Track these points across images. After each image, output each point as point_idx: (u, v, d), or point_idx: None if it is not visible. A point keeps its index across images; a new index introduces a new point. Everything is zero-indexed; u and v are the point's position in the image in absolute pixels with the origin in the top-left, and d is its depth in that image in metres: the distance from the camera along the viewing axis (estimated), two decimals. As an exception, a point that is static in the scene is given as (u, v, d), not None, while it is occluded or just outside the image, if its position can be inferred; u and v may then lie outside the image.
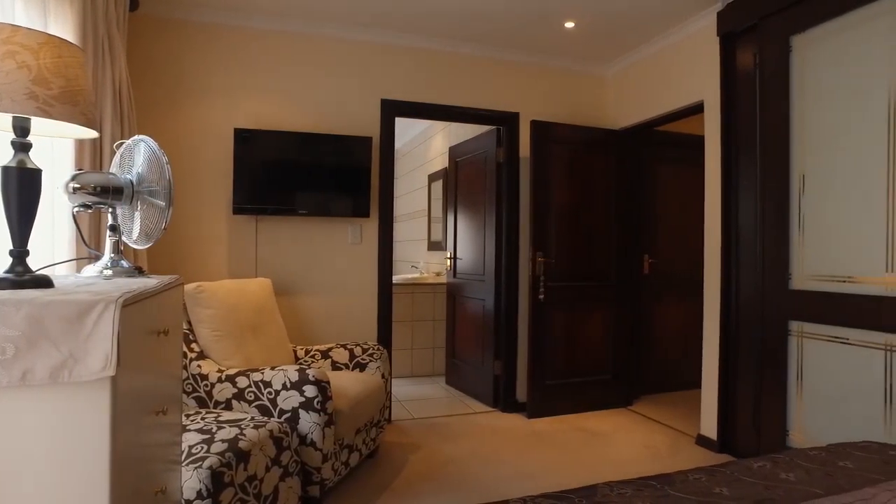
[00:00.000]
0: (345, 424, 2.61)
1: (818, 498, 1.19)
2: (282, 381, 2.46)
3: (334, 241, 3.77)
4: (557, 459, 3.21)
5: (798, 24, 2.92)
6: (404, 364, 5.23)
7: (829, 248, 2.77)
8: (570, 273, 4.11)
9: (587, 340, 4.19)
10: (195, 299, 2.76)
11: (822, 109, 2.83)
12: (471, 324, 4.60)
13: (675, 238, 4.68)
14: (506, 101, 4.17)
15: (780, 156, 2.99)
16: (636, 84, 4.18)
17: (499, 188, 4.23)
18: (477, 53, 4.10)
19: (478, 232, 4.49)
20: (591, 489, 1.23)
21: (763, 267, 3.09)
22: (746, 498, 1.19)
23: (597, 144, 4.21)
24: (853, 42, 2.68)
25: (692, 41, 3.62)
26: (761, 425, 3.08)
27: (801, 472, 1.37)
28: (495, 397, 4.23)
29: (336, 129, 3.72)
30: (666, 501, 1.16)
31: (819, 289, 2.80)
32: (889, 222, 2.50)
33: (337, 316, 3.75)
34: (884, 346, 2.52)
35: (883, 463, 1.42)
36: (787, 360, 2.95)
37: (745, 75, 3.29)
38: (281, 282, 3.59)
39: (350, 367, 3.22)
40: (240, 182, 3.44)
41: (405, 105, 3.92)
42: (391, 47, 3.90)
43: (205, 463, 1.81)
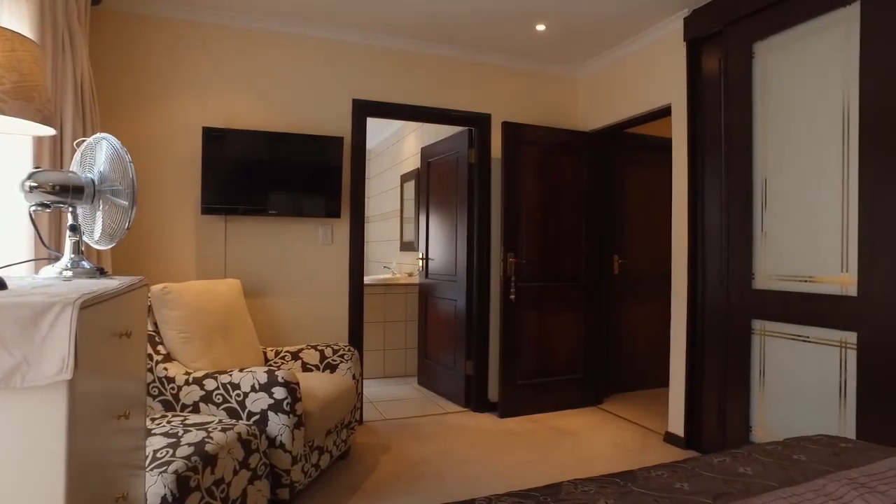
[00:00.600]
0: (315, 426, 2.60)
1: (772, 490, 1.23)
2: (250, 383, 2.43)
3: (305, 241, 3.74)
4: (528, 458, 3.24)
5: (760, 32, 3.01)
6: (376, 365, 5.21)
7: (790, 248, 2.86)
8: (541, 273, 4.15)
9: (558, 340, 4.24)
10: (161, 301, 2.71)
11: (782, 114, 2.92)
12: (443, 324, 4.61)
13: (645, 239, 4.76)
14: (477, 103, 4.19)
15: (743, 159, 3.08)
16: (606, 87, 4.24)
17: (470, 189, 4.24)
18: (449, 54, 4.11)
19: (450, 232, 4.51)
20: (555, 487, 1.24)
21: (728, 267, 3.16)
22: (705, 492, 1.22)
23: (567, 146, 4.27)
24: (810, 50, 2.77)
25: (660, 46, 3.69)
26: (726, 422, 3.16)
27: (758, 465, 1.41)
28: (467, 397, 4.25)
29: (307, 128, 3.69)
30: (628, 498, 1.18)
31: (781, 288, 2.88)
32: (843, 224, 2.60)
33: (308, 317, 3.72)
34: (839, 344, 2.61)
35: (833, 455, 1.48)
36: (750, 358, 3.03)
37: (710, 80, 3.37)
38: (251, 283, 3.54)
39: (321, 368, 3.20)
40: (209, 182, 3.39)
41: (377, 105, 3.91)
42: (363, 47, 3.88)
43: (170, 467, 1.78)
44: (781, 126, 2.91)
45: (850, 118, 2.57)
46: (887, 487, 1.20)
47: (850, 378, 2.56)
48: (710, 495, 1.21)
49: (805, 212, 2.78)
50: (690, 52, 3.45)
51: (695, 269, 3.42)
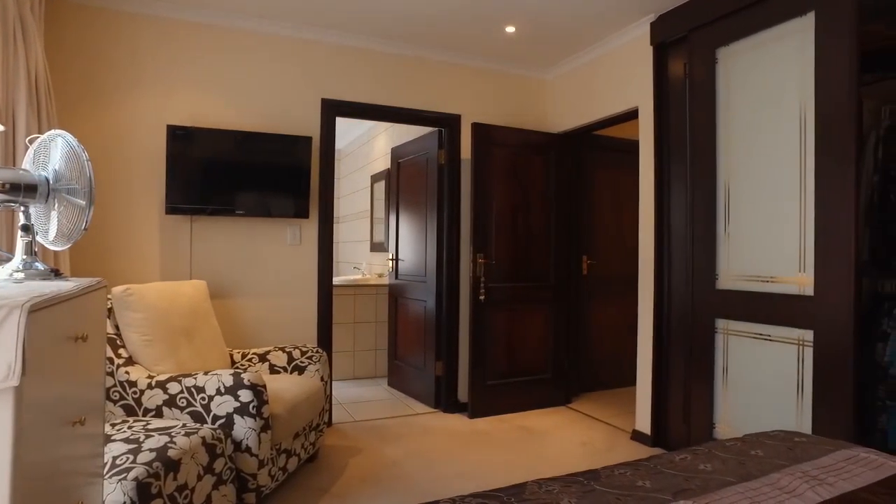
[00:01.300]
0: (282, 429, 2.56)
1: (730, 486, 1.25)
2: (216, 385, 2.39)
3: (273, 242, 3.69)
4: (498, 458, 3.25)
5: (722, 38, 3.08)
6: (346, 366, 5.17)
7: (752, 249, 2.93)
8: (511, 274, 4.17)
9: (527, 340, 4.27)
10: (123, 302, 2.64)
11: (743, 119, 2.99)
12: (413, 325, 4.60)
13: (613, 239, 4.83)
14: (448, 103, 4.20)
15: (707, 162, 3.14)
16: (575, 89, 4.29)
17: (440, 190, 4.25)
18: (419, 55, 4.11)
19: (419, 233, 4.50)
20: (519, 487, 1.25)
21: (693, 268, 3.23)
22: (666, 489, 1.25)
23: (537, 147, 4.30)
24: (769, 57, 2.85)
25: (628, 49, 3.74)
26: (691, 419, 3.23)
27: (717, 462, 1.44)
28: (437, 398, 4.25)
29: (275, 128, 3.64)
30: (591, 496, 1.20)
31: (744, 288, 2.96)
32: (801, 226, 2.68)
33: (276, 318, 3.67)
34: (797, 342, 2.69)
35: (788, 449, 1.52)
36: (713, 357, 3.10)
37: (676, 84, 3.43)
38: (217, 284, 3.48)
39: (288, 370, 3.16)
40: (173, 181, 3.32)
41: (346, 105, 3.88)
42: (332, 46, 3.85)
43: (130, 474, 1.74)
44: (743, 130, 2.98)
45: (807, 124, 2.66)
46: (835, 479, 1.24)
47: (806, 375, 2.64)
48: (671, 492, 1.23)
49: (766, 214, 2.86)
50: (657, 57, 3.51)
51: (661, 270, 3.48)
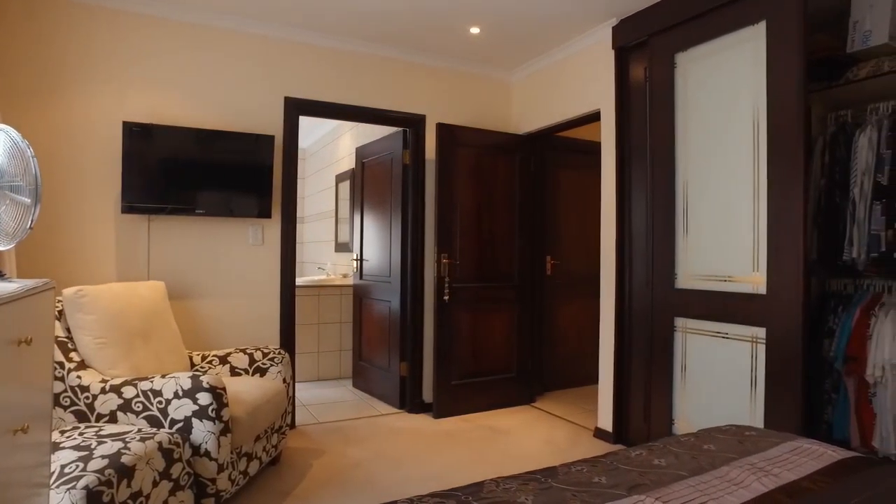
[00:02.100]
0: (243, 432, 2.52)
1: (683, 480, 1.29)
2: (173, 389, 2.33)
3: (235, 242, 3.63)
4: (462, 458, 3.26)
5: (681, 44, 3.16)
6: (310, 367, 5.12)
7: (709, 250, 3.01)
8: (475, 274, 4.19)
9: (492, 340, 4.29)
10: (75, 304, 2.56)
11: (700, 122, 3.07)
12: (377, 326, 4.58)
13: (577, 240, 4.89)
14: (413, 104, 4.19)
15: (666, 164, 3.22)
16: (539, 91, 4.34)
17: (405, 190, 4.24)
18: (384, 54, 4.09)
19: (384, 233, 4.49)
20: (477, 486, 1.26)
21: (652, 268, 3.30)
22: (621, 485, 1.27)
23: (501, 148, 4.33)
24: (725, 63, 2.94)
25: (590, 53, 3.80)
26: (651, 416, 3.30)
27: (671, 457, 1.48)
28: (402, 399, 4.24)
29: (237, 126, 3.58)
30: (547, 494, 1.22)
31: (702, 287, 3.03)
32: (755, 227, 2.76)
33: (237, 320, 3.61)
34: (751, 339, 2.78)
35: (738, 443, 1.57)
36: (672, 355, 3.17)
37: (637, 87, 3.50)
38: (177, 285, 3.40)
39: (250, 372, 3.11)
40: (130, 179, 3.23)
41: (310, 104, 3.84)
42: (296, 44, 3.80)
43: (79, 482, 1.68)
44: (701, 133, 3.06)
45: (760, 129, 2.75)
46: (780, 470, 1.29)
47: (759, 371, 2.73)
48: (626, 487, 1.26)
49: (722, 215, 2.94)
50: (618, 60, 3.58)
51: (622, 270, 3.55)
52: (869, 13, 2.67)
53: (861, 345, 2.73)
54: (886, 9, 2.62)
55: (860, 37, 2.70)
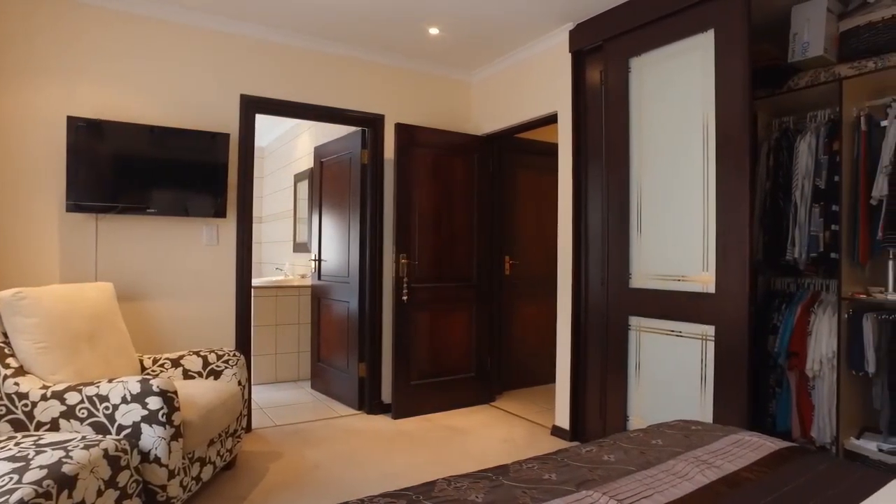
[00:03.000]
0: (195, 436, 2.46)
1: (631, 474, 1.32)
2: (121, 393, 2.25)
3: (188, 242, 3.54)
4: (421, 458, 3.26)
5: (634, 49, 3.24)
6: (268, 369, 5.04)
7: (663, 249, 3.09)
8: (434, 274, 4.20)
9: (451, 340, 4.31)
10: (13, 307, 2.45)
11: (653, 125, 3.16)
12: (336, 326, 4.54)
13: (535, 240, 4.96)
14: (371, 103, 4.17)
15: (621, 166, 3.29)
16: (498, 92, 4.37)
17: (363, 190, 4.22)
18: (343, 53, 4.06)
19: (342, 234, 4.45)
20: (429, 485, 1.27)
21: (607, 267, 3.37)
22: (571, 481, 1.30)
23: (460, 149, 4.35)
24: (676, 69, 3.03)
25: (548, 55, 3.86)
26: (607, 413, 3.36)
27: (620, 452, 1.52)
28: (361, 400, 4.22)
29: (190, 123, 3.49)
30: (498, 491, 1.23)
31: (655, 287, 3.11)
32: (705, 227, 2.85)
33: (191, 322, 3.52)
34: (701, 337, 2.87)
35: (685, 437, 1.62)
36: (627, 353, 3.24)
37: (593, 90, 3.57)
38: (127, 286, 3.29)
39: (204, 375, 3.04)
40: (76, 177, 3.11)
41: (267, 102, 3.78)
42: (252, 41, 3.74)
43: (13, 496, 1.60)
44: (654, 136, 3.15)
45: (709, 133, 2.84)
46: (722, 462, 1.34)
47: (709, 367, 2.82)
48: (575, 483, 1.28)
49: (674, 216, 3.02)
50: (575, 64, 3.64)
51: (579, 270, 3.61)
52: (806, 26, 2.80)
53: (802, 341, 2.86)
54: (821, 23, 2.75)
55: (799, 48, 2.83)
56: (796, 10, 2.86)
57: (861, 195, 2.62)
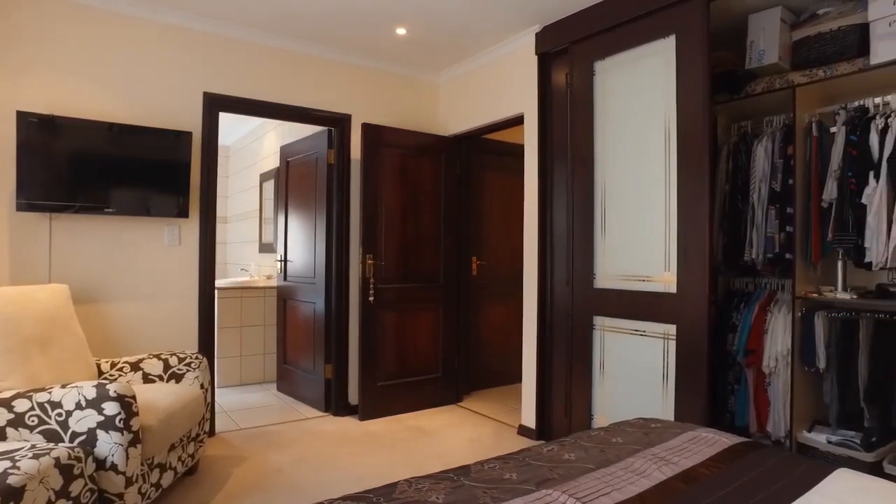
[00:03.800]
0: (154, 441, 2.40)
1: (590, 472, 1.34)
2: (75, 399, 2.18)
3: (149, 242, 3.45)
4: (388, 459, 3.25)
5: (599, 52, 3.29)
6: (232, 372, 4.96)
7: (627, 250, 3.14)
8: (401, 275, 4.19)
9: (418, 341, 4.30)
10: (-39, 311, 2.35)
11: (618, 128, 3.21)
12: (302, 328, 4.49)
13: (502, 240, 4.98)
14: (338, 103, 4.14)
15: (586, 167, 3.33)
16: (466, 93, 4.39)
17: (329, 190, 4.18)
18: (309, 52, 4.02)
19: (309, 234, 4.41)
20: (390, 487, 1.27)
21: (572, 267, 3.41)
22: (531, 480, 1.31)
23: (428, 149, 4.35)
24: (639, 72, 3.09)
25: (515, 57, 3.88)
26: (572, 412, 3.40)
27: (581, 451, 1.54)
28: (327, 401, 4.18)
29: (152, 120, 3.40)
30: (459, 492, 1.24)
31: (619, 287, 3.16)
32: (666, 228, 2.91)
33: (152, 324, 3.44)
34: (663, 336, 2.93)
35: (644, 435, 1.66)
36: (592, 352, 3.29)
37: (559, 92, 3.61)
38: (83, 288, 3.20)
39: (165, 378, 2.97)
40: (28, 175, 3.00)
41: (231, 100, 3.72)
42: (218, 38, 3.67)
43: (-44, 508, 1.54)
44: (618, 138, 3.20)
45: (671, 136, 2.90)
46: (679, 458, 1.37)
47: (670, 365, 2.88)
48: (535, 482, 1.30)
49: (637, 217, 3.08)
50: (541, 66, 3.68)
51: (544, 270, 3.65)
52: (762, 35, 2.89)
53: (759, 338, 2.94)
54: (775, 32, 2.84)
55: (756, 55, 2.91)
56: (752, 19, 2.94)
57: (813, 198, 2.72)
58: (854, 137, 2.59)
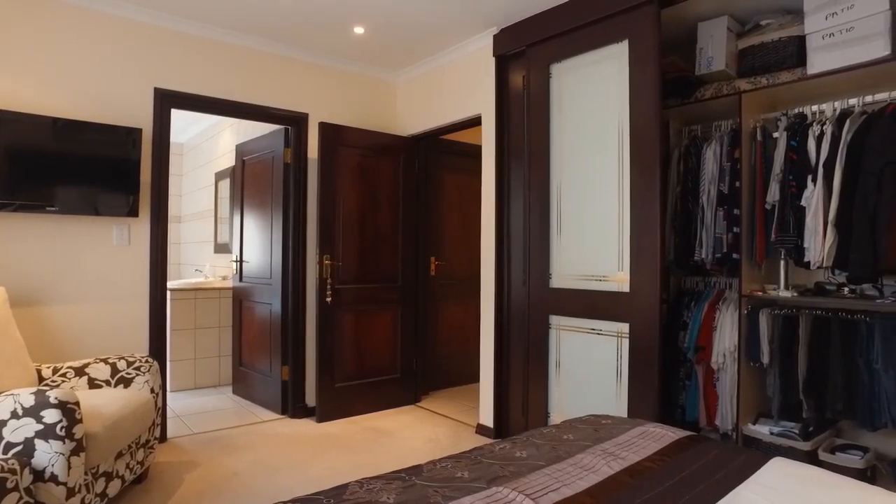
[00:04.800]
0: (100, 449, 2.31)
1: (540, 469, 1.36)
2: (10, 408, 2.08)
3: (97, 242, 3.33)
4: (345, 461, 3.22)
5: (555, 55, 3.34)
6: (186, 375, 4.83)
7: (580, 250, 3.20)
8: (359, 275, 4.16)
9: (376, 341, 4.28)
10: None
11: (573, 129, 3.26)
12: (258, 329, 4.41)
13: (461, 241, 5.00)
14: (295, 101, 4.09)
15: (542, 168, 3.38)
16: (424, 93, 4.39)
17: (286, 189, 4.12)
18: (266, 49, 3.95)
19: (265, 234, 4.33)
20: (341, 488, 1.26)
21: (529, 267, 3.45)
22: (482, 478, 1.32)
23: (386, 149, 4.33)
24: (594, 75, 3.15)
25: (473, 58, 3.91)
26: (529, 411, 3.44)
27: (532, 448, 1.56)
28: (284, 404, 4.12)
29: (99, 116, 3.28)
30: (410, 491, 1.24)
31: (574, 286, 3.21)
32: (620, 228, 2.98)
33: (100, 327, 3.32)
34: (617, 334, 2.99)
35: (594, 431, 1.69)
36: (548, 351, 3.33)
37: (516, 94, 3.65)
38: (24, 290, 3.06)
39: (112, 383, 2.87)
40: (-38, 171, 2.86)
41: (184, 96, 3.62)
42: (171, 32, 3.57)
43: None
44: (573, 140, 3.25)
45: (624, 138, 2.97)
46: (627, 453, 1.41)
47: (624, 363, 2.95)
48: (486, 480, 1.31)
49: (592, 217, 3.14)
50: (499, 68, 3.71)
51: (501, 270, 3.68)
52: (710, 42, 2.99)
53: (708, 335, 3.04)
54: (722, 40, 2.95)
55: (705, 62, 3.01)
56: (701, 26, 3.04)
57: (758, 200, 2.82)
58: (794, 143, 2.71)
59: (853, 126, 2.50)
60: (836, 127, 2.56)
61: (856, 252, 2.43)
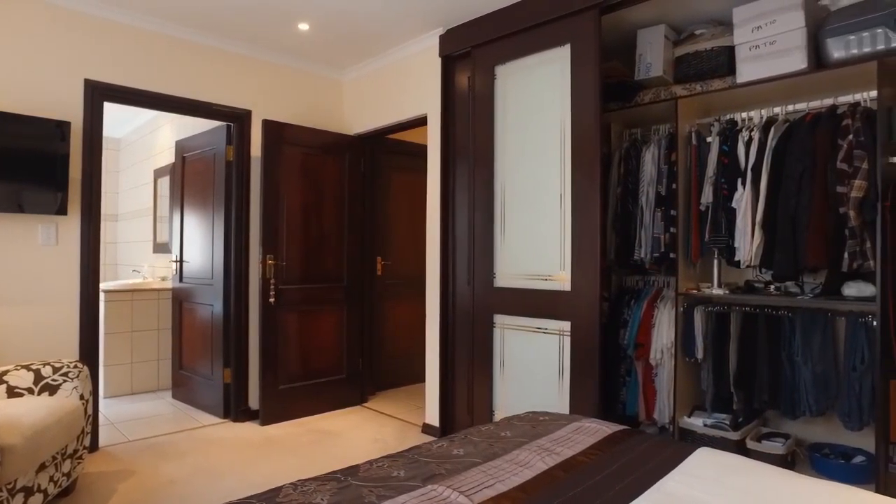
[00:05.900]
0: (17, 463, 2.17)
1: (476, 466, 1.37)
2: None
3: (21, 242, 3.15)
4: (289, 464, 3.16)
5: (500, 57, 3.37)
6: (122, 380, 4.64)
7: (523, 250, 3.24)
8: (303, 275, 4.09)
9: (321, 342, 4.22)
10: None
11: (517, 130, 3.30)
12: (199, 331, 4.28)
13: (407, 240, 4.99)
14: (238, 97, 3.98)
15: (487, 169, 3.41)
16: (371, 92, 4.36)
17: (228, 188, 4.01)
18: (207, 43, 3.83)
19: (206, 233, 4.20)
20: (274, 491, 1.23)
21: (473, 267, 3.47)
22: (418, 477, 1.32)
23: (332, 148, 4.28)
24: (538, 77, 3.20)
25: (420, 58, 3.90)
26: (474, 409, 3.47)
27: (470, 446, 1.57)
28: (226, 407, 4.01)
29: (22, 108, 3.10)
30: (345, 492, 1.22)
31: (517, 286, 3.25)
32: (562, 228, 3.04)
33: (23, 332, 3.14)
34: (559, 332, 3.05)
35: (532, 427, 1.72)
36: (492, 350, 3.37)
37: (461, 95, 3.66)
38: (-62, 292, 2.87)
39: (35, 391, 2.72)
40: None
41: (117, 89, 3.47)
42: (100, 21, 3.41)
43: None
44: (517, 141, 3.29)
45: (566, 140, 3.02)
46: (562, 448, 1.44)
47: (565, 360, 3.01)
48: (422, 479, 1.31)
49: (535, 217, 3.18)
50: (445, 68, 3.72)
51: (446, 270, 3.69)
52: (649, 49, 3.09)
53: (647, 332, 3.14)
54: (660, 47, 3.06)
55: (644, 67, 3.11)
56: (641, 33, 3.14)
57: (693, 201, 2.93)
58: (726, 147, 2.83)
59: (777, 133, 2.64)
60: (762, 133, 2.70)
61: (780, 252, 2.56)
